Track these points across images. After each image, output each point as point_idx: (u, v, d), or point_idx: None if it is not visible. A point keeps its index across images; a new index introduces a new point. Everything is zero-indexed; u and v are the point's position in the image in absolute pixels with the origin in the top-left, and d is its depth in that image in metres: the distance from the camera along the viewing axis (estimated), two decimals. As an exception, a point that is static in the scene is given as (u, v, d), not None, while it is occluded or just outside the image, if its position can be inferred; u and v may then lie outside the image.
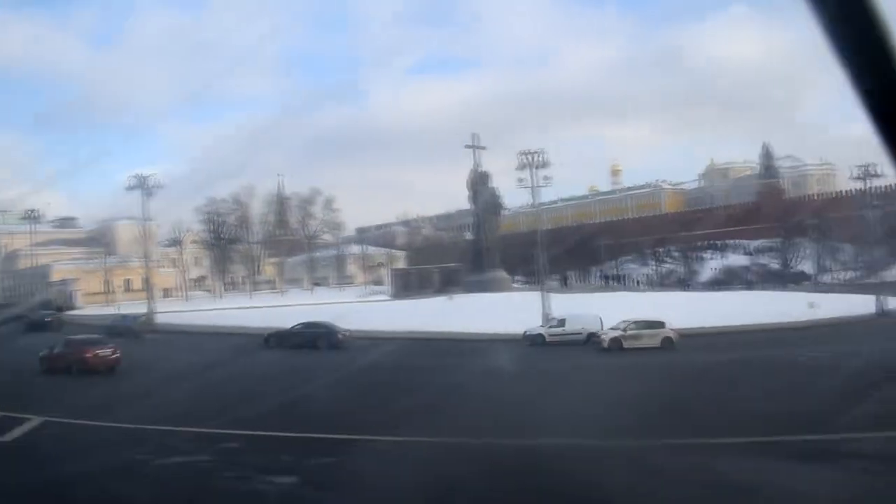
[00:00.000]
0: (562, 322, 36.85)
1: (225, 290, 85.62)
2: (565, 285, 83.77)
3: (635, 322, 34.40)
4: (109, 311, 61.63)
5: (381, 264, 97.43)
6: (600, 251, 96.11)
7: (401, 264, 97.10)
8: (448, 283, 76.95)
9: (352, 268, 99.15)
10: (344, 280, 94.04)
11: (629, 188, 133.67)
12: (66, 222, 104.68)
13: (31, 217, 77.25)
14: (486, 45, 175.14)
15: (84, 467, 13.16)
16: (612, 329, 34.47)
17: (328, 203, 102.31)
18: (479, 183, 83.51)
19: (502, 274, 78.72)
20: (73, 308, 70.29)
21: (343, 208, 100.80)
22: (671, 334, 33.89)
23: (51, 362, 29.05)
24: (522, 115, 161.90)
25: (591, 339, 34.89)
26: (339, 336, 35.95)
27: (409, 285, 79.75)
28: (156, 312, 49.23)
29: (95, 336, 32.89)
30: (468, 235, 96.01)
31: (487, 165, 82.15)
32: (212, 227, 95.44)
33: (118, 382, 26.71)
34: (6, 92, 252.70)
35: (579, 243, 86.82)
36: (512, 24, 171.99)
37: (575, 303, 44.74)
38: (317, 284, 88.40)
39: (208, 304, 68.25)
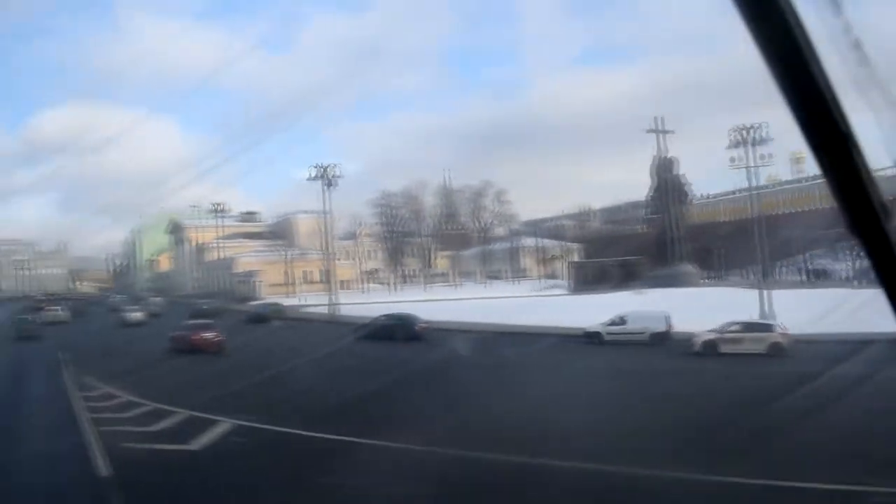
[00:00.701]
0: (622, 319, 33.97)
1: (399, 283, 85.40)
2: (763, 278, 75.88)
3: (738, 323, 30.05)
4: (291, 301, 62.77)
5: (555, 257, 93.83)
6: (790, 244, 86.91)
7: (575, 257, 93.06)
8: (628, 277, 72.15)
9: (526, 261, 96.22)
10: (518, 273, 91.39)
11: (814, 177, 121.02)
12: (248, 216, 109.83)
13: (218, 210, 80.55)
14: (649, 32, 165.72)
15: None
16: (708, 331, 30.24)
17: (499, 195, 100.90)
18: (664, 169, 77.78)
19: (689, 267, 72.77)
20: (256, 298, 72.18)
21: (512, 201, 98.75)
22: (781, 339, 28.97)
23: (174, 342, 35.22)
24: (687, 103, 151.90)
25: (656, 340, 32.27)
26: (417, 328, 36.74)
27: (587, 279, 75.72)
28: (337, 304, 48.58)
29: (206, 322, 39.61)
30: (642, 228, 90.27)
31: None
32: (385, 220, 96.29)
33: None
34: (193, 98, 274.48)
35: (766, 235, 78.78)
36: (673, 7, 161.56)
37: (798, 301, 38.31)
38: (490, 278, 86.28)
39: (384, 296, 67.66)
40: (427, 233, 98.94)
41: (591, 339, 33.88)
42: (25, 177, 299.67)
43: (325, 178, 50.76)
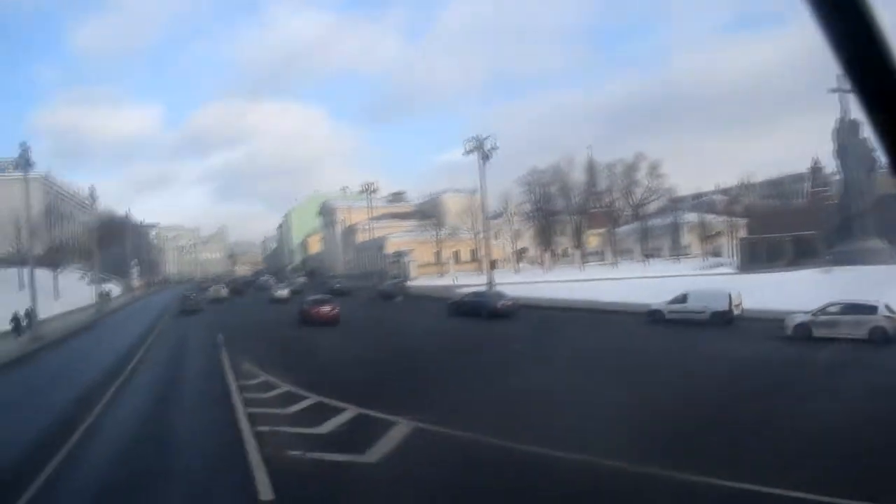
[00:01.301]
0: (683, 297, 32.12)
1: (550, 262, 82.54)
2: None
3: (837, 304, 25.91)
4: (443, 282, 61.64)
5: (719, 233, 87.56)
6: None
7: (741, 233, 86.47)
8: (803, 255, 65.40)
9: (686, 238, 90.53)
10: (678, 251, 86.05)
11: None
12: (396, 197, 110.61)
13: (370, 190, 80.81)
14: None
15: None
16: (803, 312, 26.17)
17: (653, 168, 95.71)
18: (848, 133, 70.02)
19: (877, 243, 65.11)
20: (406, 279, 71.69)
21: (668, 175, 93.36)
22: (885, 323, 24.37)
23: (301, 315, 39.35)
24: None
25: (717, 319, 30.09)
26: (499, 305, 37.39)
27: (757, 256, 69.55)
28: (495, 284, 46.57)
29: (325, 297, 44.03)
30: (809, 201, 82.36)
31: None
32: (533, 197, 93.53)
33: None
34: (338, 86, 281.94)
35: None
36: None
37: None
38: (647, 256, 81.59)
39: (538, 275, 65.16)
40: (576, 210, 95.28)
41: (653, 317, 32.40)
42: (189, 168, 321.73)
43: (482, 150, 48.49)
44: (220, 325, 38.57)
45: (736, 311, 30.49)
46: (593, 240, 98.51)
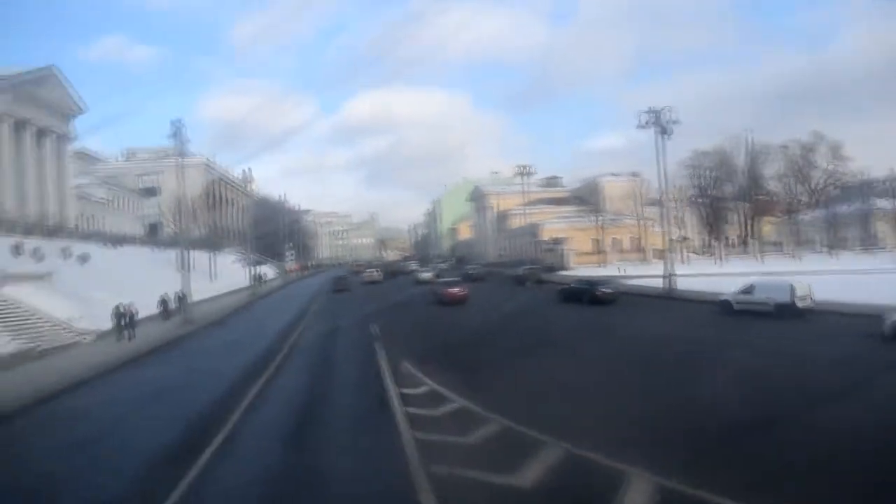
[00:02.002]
0: (751, 288, 31.06)
1: (718, 252, 74.95)
2: None
3: None
4: (606, 272, 56.65)
5: (919, 223, 76.51)
6: None
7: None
8: None
9: (878, 227, 79.83)
10: (869, 242, 75.83)
11: None
12: (551, 181, 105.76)
13: (525, 173, 76.51)
14: None
15: None
16: None
17: (834, 150, 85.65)
18: None
19: None
20: (564, 268, 66.98)
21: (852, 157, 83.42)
22: None
23: (435, 296, 43.81)
24: None
25: (781, 311, 28.39)
26: (598, 293, 38.09)
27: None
28: (673, 275, 41.05)
29: (454, 280, 49.99)
30: None
31: None
32: (697, 182, 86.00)
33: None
34: (483, 74, 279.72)
35: None
36: None
37: None
38: (832, 247, 72.11)
39: (713, 267, 58.50)
40: (741, 195, 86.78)
41: (723, 308, 31.34)
42: (340, 156, 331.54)
43: (659, 124, 42.83)
44: (369, 303, 44.75)
45: (802, 304, 28.43)
46: (766, 229, 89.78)
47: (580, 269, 66.51)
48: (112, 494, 10.97)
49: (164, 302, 38.53)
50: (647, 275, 50.26)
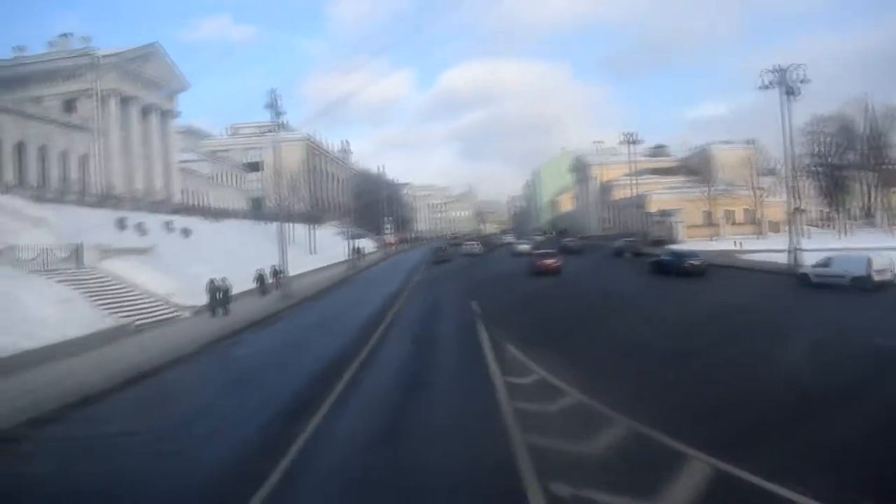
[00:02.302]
0: (828, 261, 30.85)
1: (840, 225, 68.99)
2: None
3: None
4: (717, 247, 53.02)
5: None
6: None
7: None
8: None
9: None
10: None
11: None
12: (657, 150, 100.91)
13: (630, 141, 72.63)
14: None
15: None
16: None
17: None
18: None
19: None
20: (674, 241, 63.17)
21: None
22: None
23: (530, 266, 45.38)
24: None
25: (857, 284, 27.77)
26: (685, 265, 38.01)
27: None
28: (799, 249, 37.29)
29: (549, 251, 50.98)
30: None
31: None
32: (815, 149, 79.33)
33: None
34: (581, 43, 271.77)
35: None
36: None
37: None
38: None
39: (836, 241, 53.43)
40: (864, 164, 79.36)
41: (801, 280, 31.38)
42: (437, 129, 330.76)
43: (785, 83, 38.77)
44: (468, 276, 46.33)
45: (880, 277, 27.78)
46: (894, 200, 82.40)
47: (690, 242, 62.62)
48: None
49: (260, 277, 37.83)
50: (767, 249, 46.38)
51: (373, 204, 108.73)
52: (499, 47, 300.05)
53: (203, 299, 32.44)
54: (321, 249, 68.12)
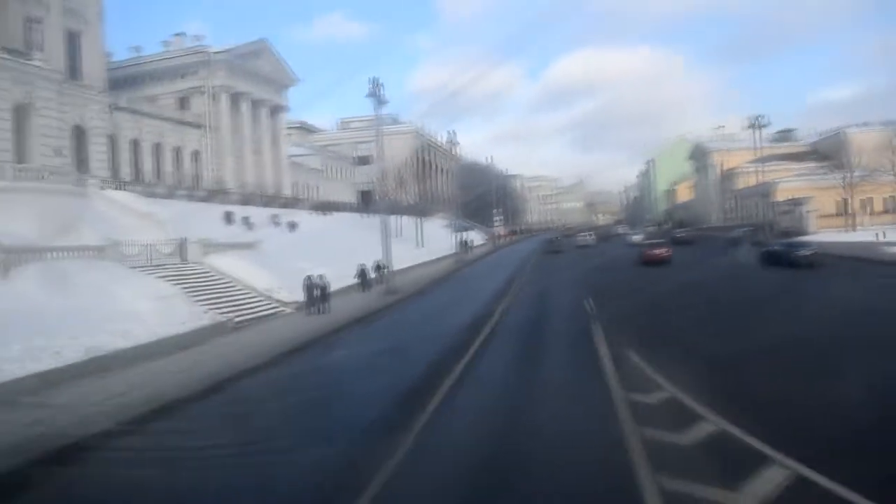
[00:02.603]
0: None
1: None
2: None
3: None
4: (854, 238, 48.36)
5: None
6: None
7: None
8: None
9: None
10: None
11: None
12: (783, 135, 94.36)
13: (756, 125, 67.64)
14: None
15: None
16: None
17: None
18: None
19: None
20: (803, 232, 58.21)
21: None
22: None
23: (639, 256, 45.69)
24: None
25: None
26: (795, 255, 36.62)
27: None
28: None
29: (658, 241, 53.77)
30: None
31: None
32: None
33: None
34: (695, 28, 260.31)
35: None
36: None
37: None
38: None
39: None
40: None
41: None
42: (547, 119, 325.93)
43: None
44: (581, 269, 45.40)
45: None
46: None
47: (822, 233, 57.51)
48: None
49: (362, 272, 36.63)
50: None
51: (482, 196, 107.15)
52: (611, 34, 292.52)
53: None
54: (428, 242, 67.00)
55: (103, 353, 19.48)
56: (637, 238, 70.12)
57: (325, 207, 64.12)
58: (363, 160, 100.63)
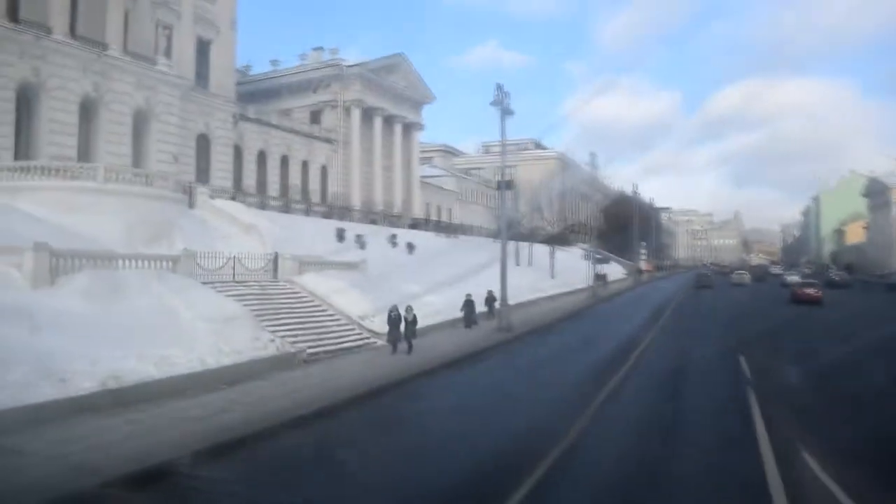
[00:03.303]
0: None
1: None
2: None
3: None
4: None
5: None
6: None
7: None
8: None
9: None
10: None
11: None
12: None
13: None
14: None
15: None
16: None
17: None
18: None
19: None
20: None
21: None
22: None
23: (791, 295, 47.56)
24: None
25: None
26: None
27: None
28: None
29: (810, 281, 54.80)
30: None
31: None
32: None
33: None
34: (873, 56, 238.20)
35: None
36: None
37: None
38: None
39: None
40: None
41: None
42: (702, 152, 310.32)
43: None
44: (733, 314, 39.29)
45: None
46: None
47: None
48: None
49: (468, 303, 30.20)
50: None
51: (627, 227, 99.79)
52: (774, 65, 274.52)
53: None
54: (563, 273, 61.12)
55: (123, 385, 15.70)
56: (793, 279, 67.60)
57: (453, 230, 59.93)
58: (506, 185, 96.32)
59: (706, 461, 11.05)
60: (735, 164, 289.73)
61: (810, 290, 45.50)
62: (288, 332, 23.26)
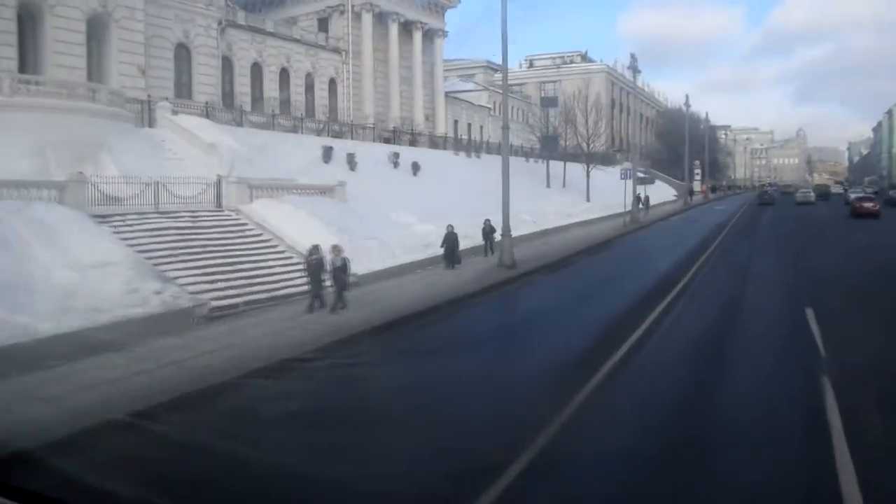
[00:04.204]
0: None
1: None
2: None
3: None
4: None
5: None
6: None
7: None
8: None
9: None
10: None
11: None
12: None
13: None
14: None
15: None
16: None
17: None
18: None
19: None
20: None
21: None
22: None
23: (851, 209, 48.27)
24: None
25: None
26: None
27: None
28: None
29: (868, 195, 55.63)
30: None
31: None
32: None
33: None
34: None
35: None
36: None
37: None
38: None
39: None
40: None
41: None
42: (764, 68, 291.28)
43: None
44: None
45: None
46: None
47: None
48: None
49: (449, 237, 22.96)
50: None
51: (680, 146, 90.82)
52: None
53: (375, 263, 21.44)
54: (602, 195, 53.89)
55: None
56: (853, 196, 64.19)
57: (477, 148, 52.98)
58: (550, 101, 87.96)
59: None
60: (799, 80, 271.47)
61: (868, 204, 46.38)
62: (202, 280, 17.56)
